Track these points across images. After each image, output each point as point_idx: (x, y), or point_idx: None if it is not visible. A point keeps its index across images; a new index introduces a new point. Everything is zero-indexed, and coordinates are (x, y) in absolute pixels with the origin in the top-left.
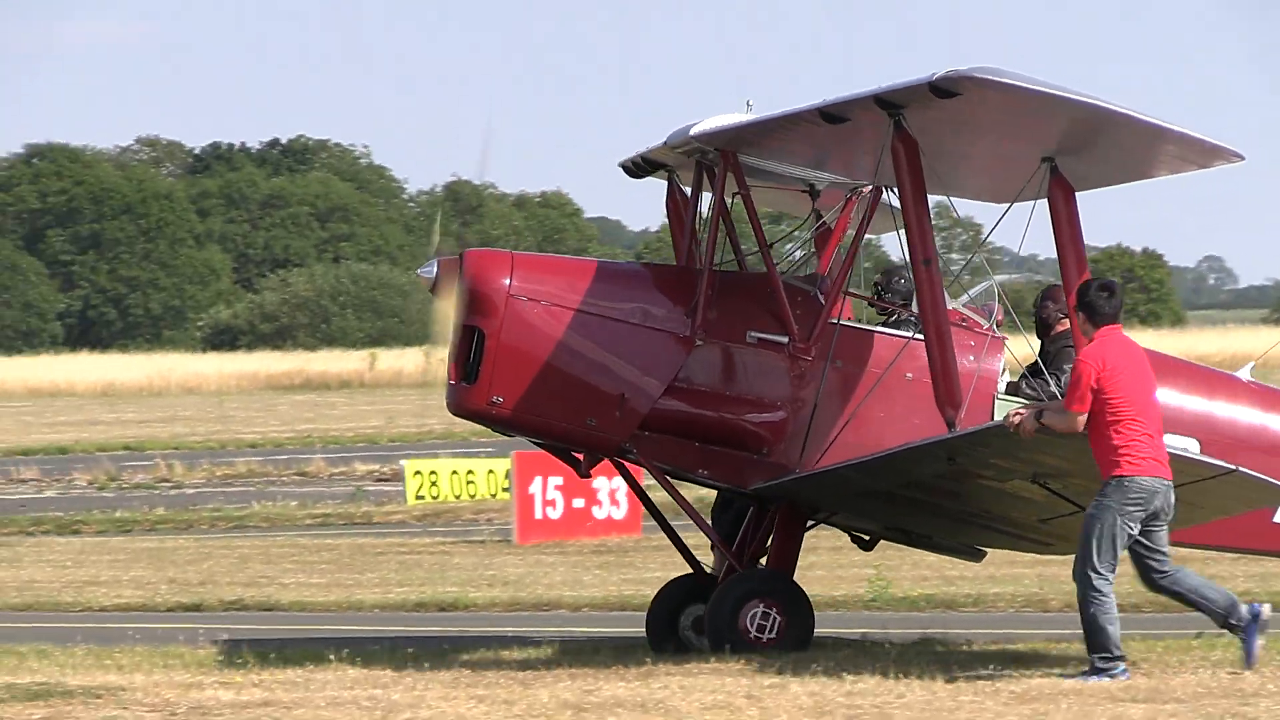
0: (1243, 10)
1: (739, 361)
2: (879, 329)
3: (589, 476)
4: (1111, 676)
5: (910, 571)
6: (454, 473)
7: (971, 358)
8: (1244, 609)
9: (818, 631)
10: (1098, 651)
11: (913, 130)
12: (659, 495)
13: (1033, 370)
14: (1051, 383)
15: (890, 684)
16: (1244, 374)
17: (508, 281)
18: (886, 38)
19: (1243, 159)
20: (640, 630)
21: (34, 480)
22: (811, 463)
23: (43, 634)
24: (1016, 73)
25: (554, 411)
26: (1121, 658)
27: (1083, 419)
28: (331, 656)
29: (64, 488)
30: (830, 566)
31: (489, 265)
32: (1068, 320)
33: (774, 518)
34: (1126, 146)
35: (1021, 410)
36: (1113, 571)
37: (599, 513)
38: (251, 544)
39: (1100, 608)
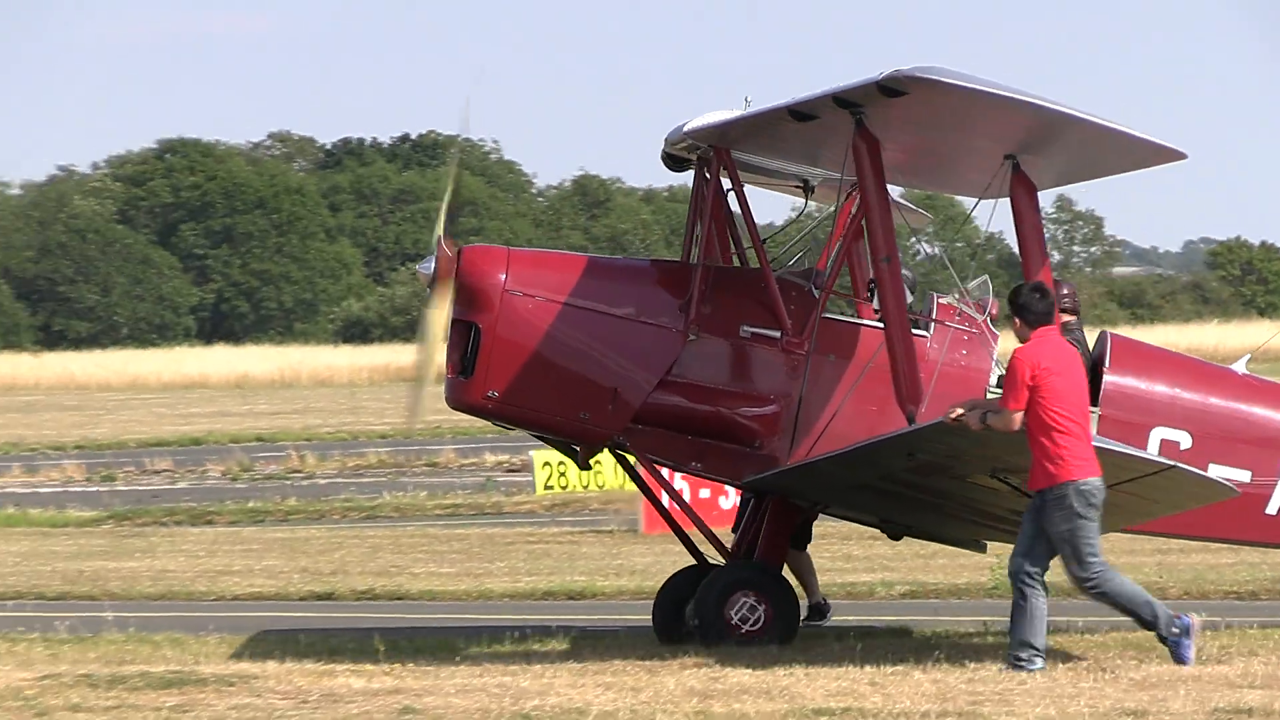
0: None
1: (732, 356)
2: (871, 323)
3: (589, 468)
4: (1185, 631)
5: None
6: None
7: (964, 351)
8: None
9: (942, 619)
10: (1157, 624)
11: (874, 128)
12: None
13: None
14: None
15: (1012, 670)
16: (1239, 367)
17: (503, 277)
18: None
19: (1184, 157)
20: None
21: (168, 471)
22: (801, 455)
23: (177, 623)
24: (960, 72)
25: (547, 405)
26: (1162, 608)
27: (1019, 417)
28: (461, 644)
29: (198, 478)
30: (953, 555)
31: (485, 261)
32: (1062, 314)
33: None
34: (1077, 146)
35: (964, 406)
36: (1100, 558)
37: (725, 503)
38: (382, 534)
39: (1119, 589)
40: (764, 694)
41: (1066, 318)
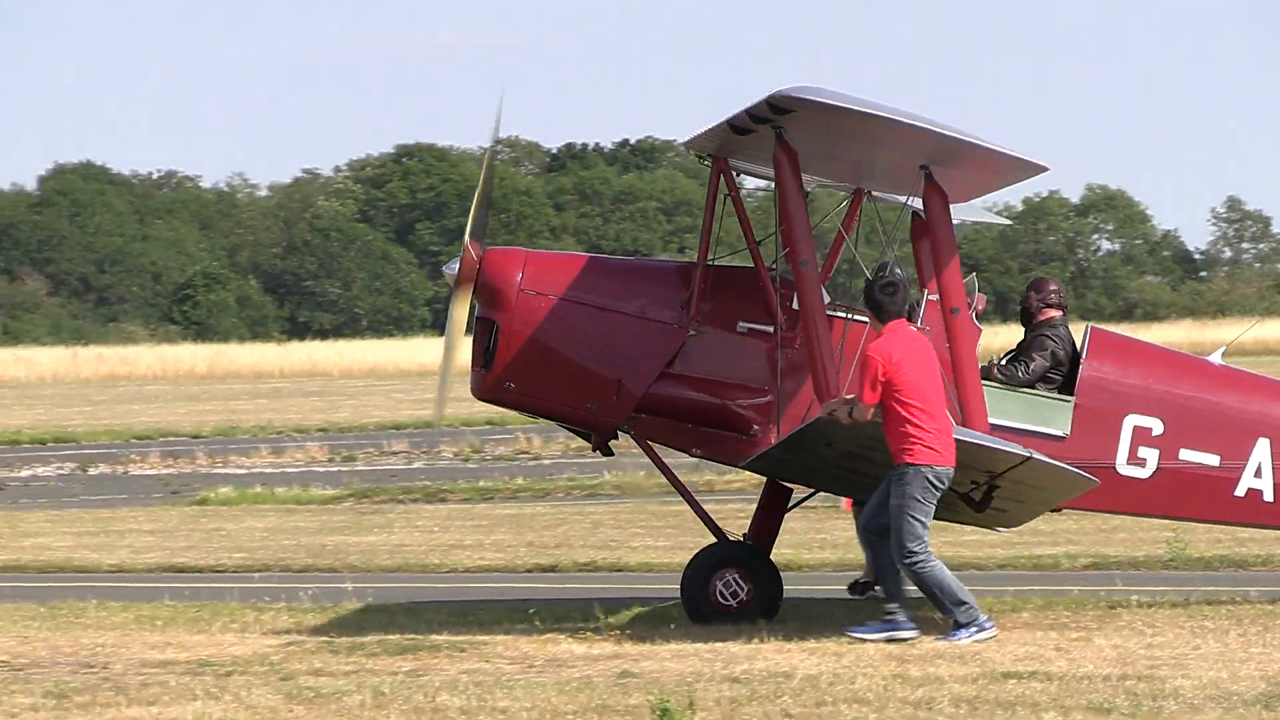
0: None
1: (729, 349)
2: (849, 317)
3: (610, 453)
4: (980, 626)
5: (1205, 534)
6: None
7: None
8: (978, 615)
9: (1120, 589)
10: (957, 606)
11: (794, 141)
12: None
13: (1014, 357)
14: (1020, 369)
15: (1187, 637)
16: (1215, 358)
17: (519, 277)
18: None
19: (1046, 170)
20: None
21: (404, 452)
22: None
23: (412, 593)
24: (834, 91)
25: (558, 395)
26: (973, 605)
27: (873, 409)
28: (675, 613)
29: (431, 459)
30: (1132, 529)
31: (504, 262)
32: (1049, 310)
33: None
34: (964, 161)
35: (840, 400)
36: (925, 540)
37: None
38: (603, 510)
39: (931, 572)
40: (957, 659)
41: (1052, 313)
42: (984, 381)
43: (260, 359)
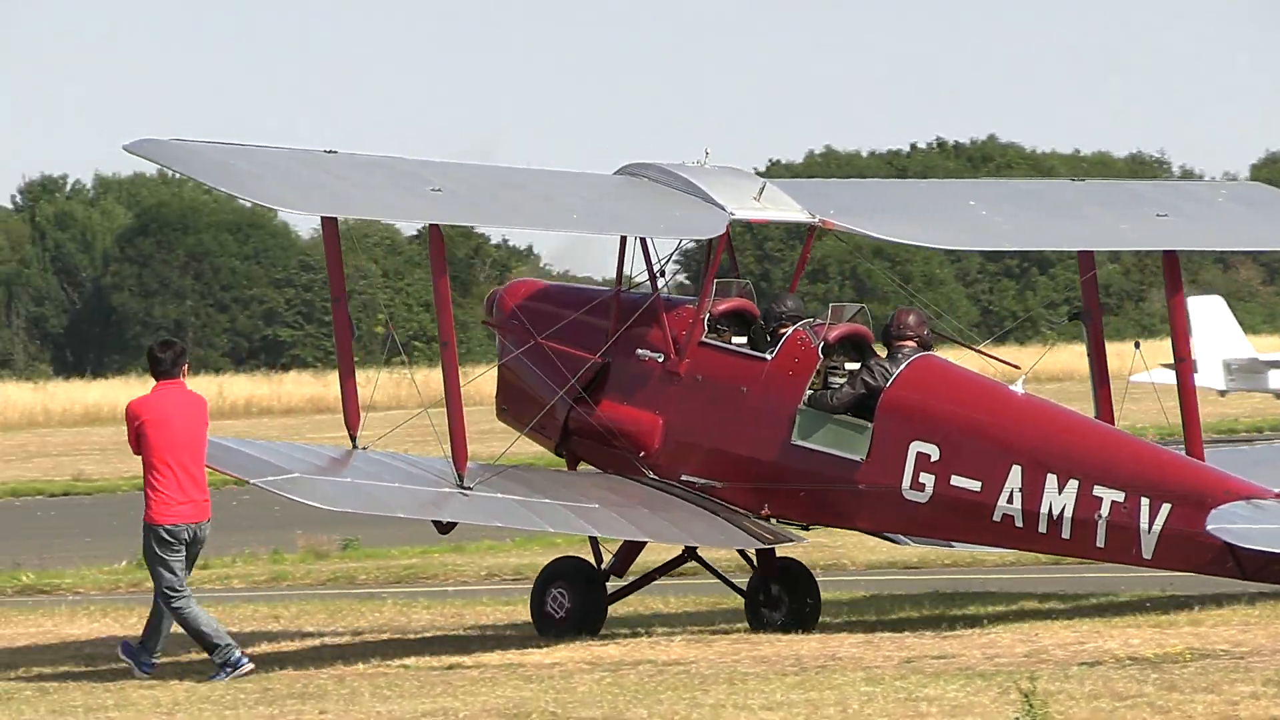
0: None
1: (629, 376)
2: (730, 349)
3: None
4: (235, 665)
5: None
6: None
7: (744, 388)
8: (233, 655)
9: None
10: (212, 651)
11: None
12: None
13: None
14: (830, 396)
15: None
16: (1016, 387)
17: (512, 306)
18: None
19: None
20: None
21: None
22: (669, 465)
23: None
24: (166, 145)
25: (521, 417)
26: (231, 645)
27: (139, 458)
28: None
29: None
30: None
31: (505, 294)
32: (899, 340)
33: None
34: None
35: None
36: (181, 588)
37: None
38: None
39: (189, 619)
40: None
41: (903, 343)
42: (811, 407)
43: None
